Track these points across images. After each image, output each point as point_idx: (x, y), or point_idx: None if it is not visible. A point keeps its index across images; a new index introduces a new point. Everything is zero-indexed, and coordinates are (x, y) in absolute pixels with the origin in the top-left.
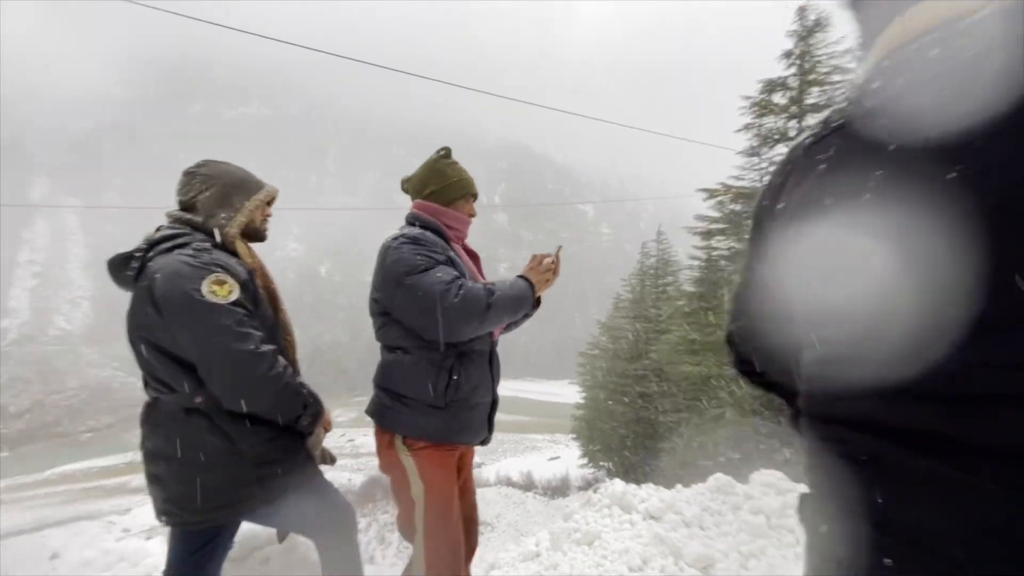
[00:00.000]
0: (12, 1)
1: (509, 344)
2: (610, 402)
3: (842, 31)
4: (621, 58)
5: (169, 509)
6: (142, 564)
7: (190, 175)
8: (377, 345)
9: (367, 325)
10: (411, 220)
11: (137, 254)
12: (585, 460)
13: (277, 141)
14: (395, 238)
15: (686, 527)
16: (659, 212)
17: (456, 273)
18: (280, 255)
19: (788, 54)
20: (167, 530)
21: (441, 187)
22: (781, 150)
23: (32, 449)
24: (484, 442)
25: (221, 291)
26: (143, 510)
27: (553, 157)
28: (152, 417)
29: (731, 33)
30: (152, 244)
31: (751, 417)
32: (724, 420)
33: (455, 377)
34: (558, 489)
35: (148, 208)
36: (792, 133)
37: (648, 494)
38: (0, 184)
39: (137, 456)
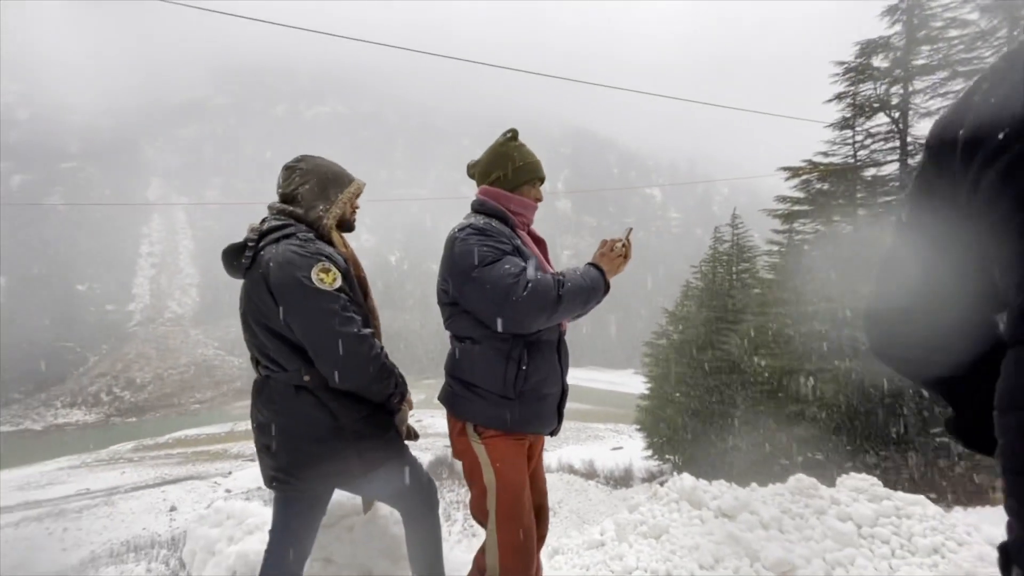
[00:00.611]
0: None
1: (573, 332)
2: (677, 394)
3: None
4: (693, 32)
5: (278, 476)
6: (246, 523)
7: (290, 169)
8: (444, 333)
9: (435, 312)
10: (476, 207)
11: (250, 244)
12: (649, 452)
13: (351, 136)
14: (461, 228)
15: (763, 528)
16: (733, 195)
17: (523, 264)
18: (355, 245)
19: (892, 10)
20: (265, 493)
21: (507, 172)
22: (881, 119)
23: (153, 416)
24: (553, 432)
25: (327, 278)
26: (242, 474)
27: (618, 141)
28: (264, 393)
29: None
30: (262, 235)
31: (837, 416)
32: (804, 418)
33: (524, 367)
34: (621, 479)
35: (243, 203)
36: (895, 100)
37: (720, 491)
38: (123, 185)
39: (236, 426)
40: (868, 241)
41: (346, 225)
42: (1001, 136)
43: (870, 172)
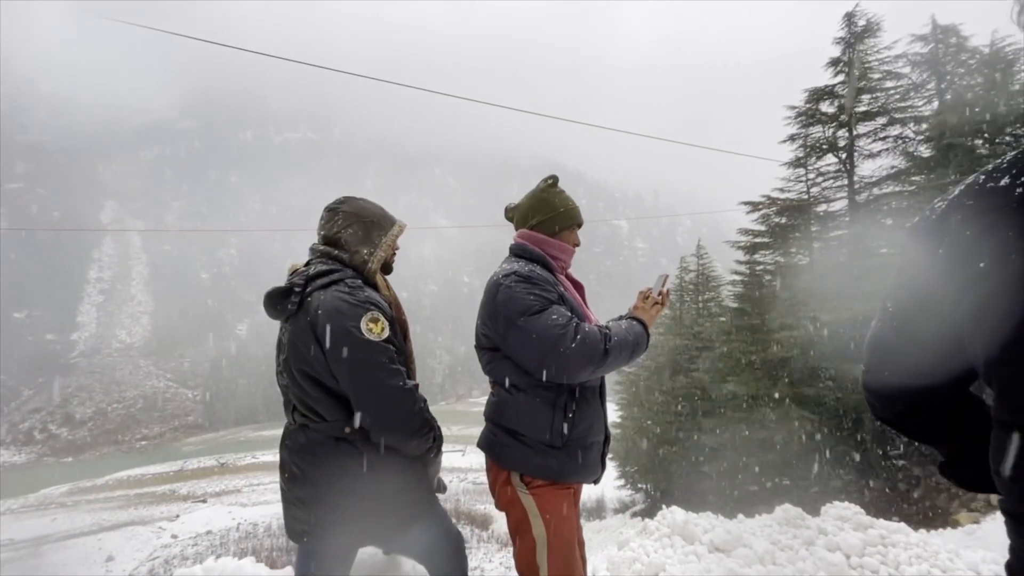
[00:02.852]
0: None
1: None
2: (649, 421)
3: (894, 36)
4: (658, 72)
5: (310, 530)
6: None
7: (332, 211)
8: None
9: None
10: (518, 252)
11: (296, 288)
12: (622, 481)
13: (321, 163)
14: (506, 275)
15: (760, 563)
16: (695, 226)
17: (570, 314)
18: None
19: (835, 62)
20: (220, 546)
21: (548, 217)
22: (829, 160)
23: (92, 455)
24: (596, 480)
25: (376, 328)
26: (191, 517)
27: (586, 173)
28: (300, 443)
29: (774, 45)
30: (308, 279)
31: (802, 442)
32: (771, 445)
33: (570, 415)
34: (594, 511)
35: (205, 231)
36: (841, 142)
37: (711, 524)
38: (74, 208)
39: (187, 464)
40: (823, 272)
41: (387, 267)
42: (982, 265)
43: (822, 208)
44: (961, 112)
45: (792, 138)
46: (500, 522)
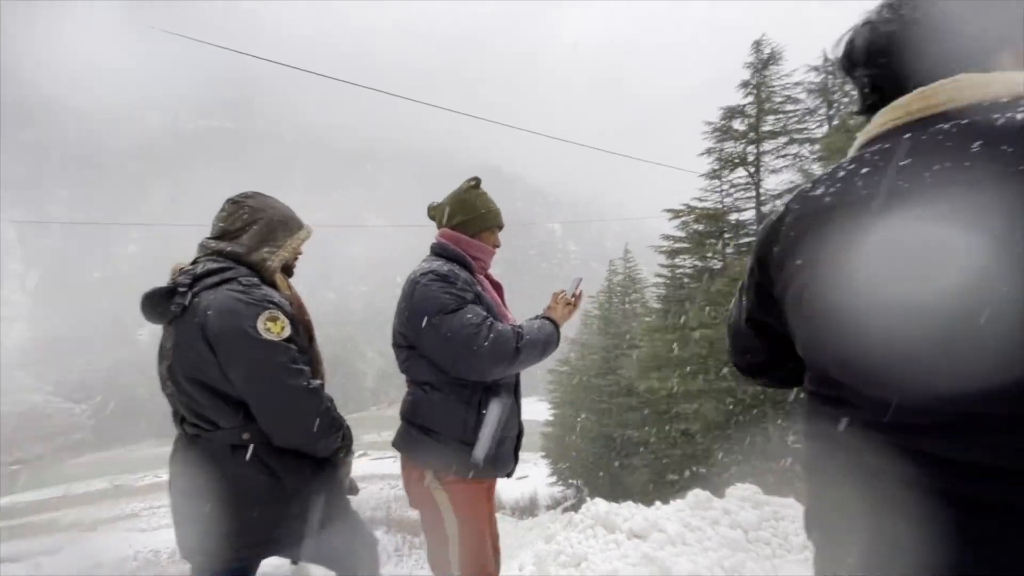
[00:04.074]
0: None
1: None
2: (580, 419)
3: (793, 65)
4: (596, 83)
5: (206, 548)
6: None
7: (236, 204)
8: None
9: (334, 342)
10: (437, 251)
11: (181, 288)
12: (554, 478)
13: (242, 154)
14: (423, 273)
15: (672, 545)
16: (624, 231)
17: (485, 313)
18: None
19: (745, 84)
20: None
21: (469, 218)
22: (740, 173)
23: None
24: (510, 474)
25: (275, 328)
26: (77, 549)
27: (523, 177)
28: (190, 455)
29: (699, 61)
30: (195, 278)
31: (716, 431)
32: (688, 436)
33: (484, 412)
34: (527, 509)
35: (94, 223)
36: (750, 158)
37: (631, 512)
38: None
39: (72, 489)
40: (734, 275)
41: (288, 271)
42: (799, 262)
43: (734, 217)
44: (846, 136)
45: (709, 152)
46: None
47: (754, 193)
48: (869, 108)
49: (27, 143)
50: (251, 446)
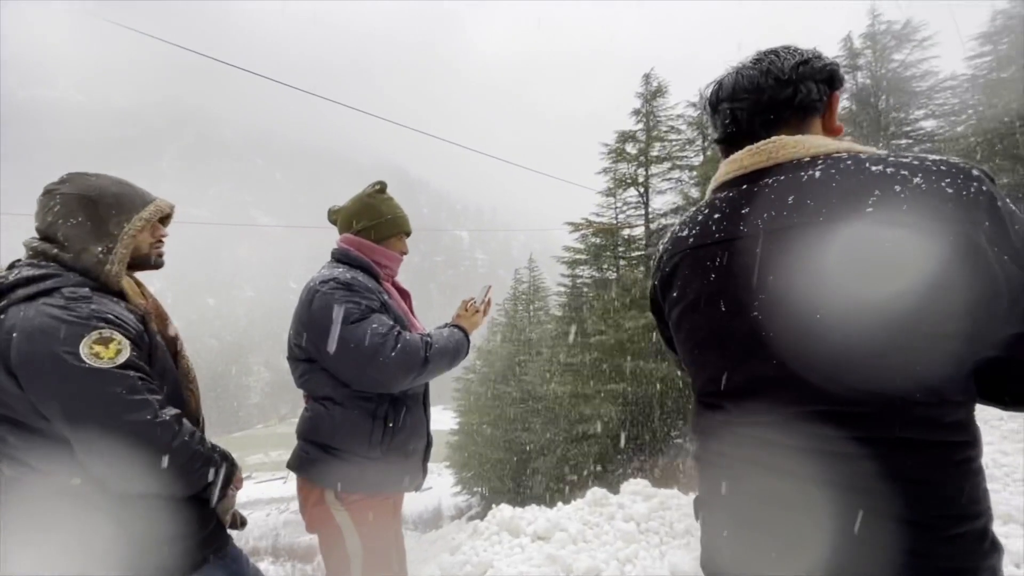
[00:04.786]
0: None
1: None
2: (484, 426)
3: (677, 98)
4: (508, 94)
5: None
6: None
7: (48, 195)
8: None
9: (207, 352)
10: (339, 257)
11: None
12: (459, 488)
13: (96, 133)
14: (324, 281)
15: (573, 543)
16: (529, 241)
17: (391, 323)
18: None
19: (637, 112)
20: None
21: (374, 224)
22: (632, 192)
23: None
24: (418, 488)
25: (106, 352)
26: None
27: (429, 182)
28: (10, 501)
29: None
30: (3, 290)
31: (611, 431)
32: (588, 436)
33: (391, 424)
34: (431, 521)
35: None
36: (640, 179)
37: (534, 515)
38: None
39: None
40: (627, 285)
41: (147, 262)
42: (675, 293)
43: (626, 232)
44: (716, 165)
45: (605, 171)
46: None
47: (644, 211)
48: (727, 137)
49: None
50: (84, 492)
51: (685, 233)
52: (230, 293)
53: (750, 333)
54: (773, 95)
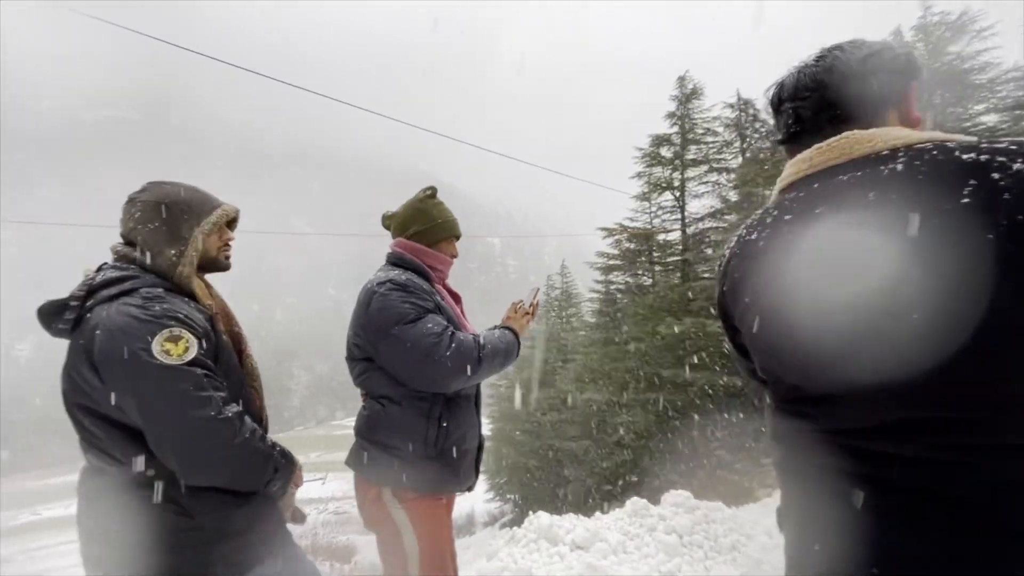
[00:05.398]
0: None
1: None
2: (517, 432)
3: (712, 100)
4: (540, 99)
5: None
6: None
7: (130, 202)
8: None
9: (267, 358)
10: (394, 260)
11: (73, 303)
12: (491, 494)
13: (151, 151)
14: (381, 283)
15: (613, 554)
16: (561, 247)
17: (446, 323)
18: None
19: (671, 115)
20: None
21: (426, 228)
22: (667, 196)
23: None
24: (470, 488)
25: (176, 349)
26: None
27: (462, 189)
28: (95, 489)
29: (633, 90)
30: (92, 290)
31: (648, 440)
32: (622, 445)
33: (444, 424)
34: (464, 527)
35: None
36: (676, 183)
37: (572, 524)
38: None
39: None
40: (662, 291)
41: (215, 265)
42: (747, 299)
43: (662, 237)
44: (757, 167)
45: (639, 175)
46: (363, 553)
47: (680, 216)
48: (791, 137)
49: None
50: (159, 484)
51: (754, 236)
52: (272, 299)
53: (837, 340)
54: (839, 91)
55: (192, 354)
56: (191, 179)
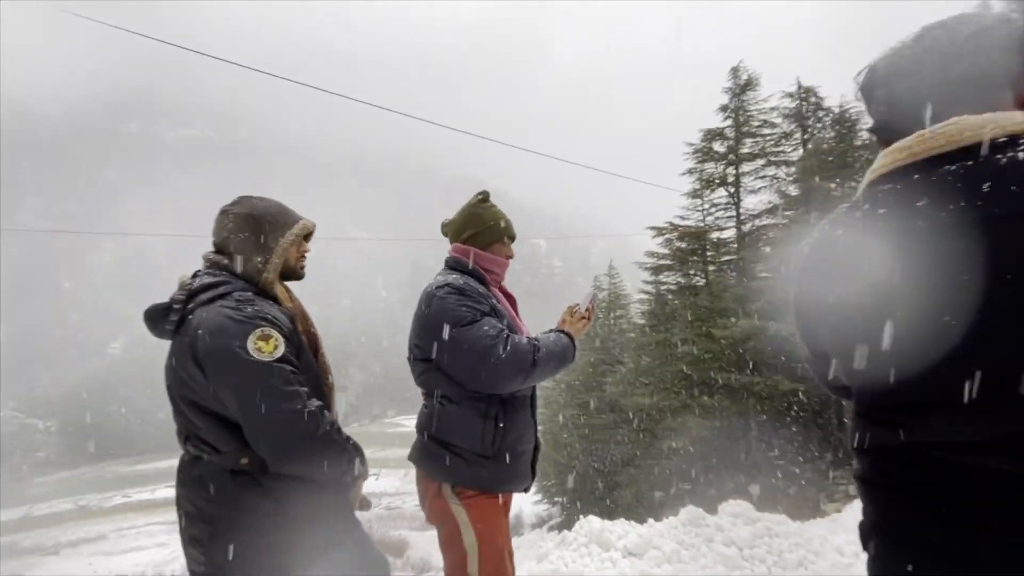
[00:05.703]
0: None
1: None
2: (564, 435)
3: (769, 90)
4: (585, 96)
5: (209, 571)
6: None
7: (223, 214)
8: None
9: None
10: (452, 264)
11: (176, 305)
12: (539, 496)
13: (222, 165)
14: (440, 286)
15: (668, 563)
16: (608, 248)
17: (502, 326)
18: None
19: (724, 108)
20: None
21: (479, 231)
22: (721, 193)
23: None
24: (527, 489)
25: (267, 347)
26: (37, 574)
27: (507, 191)
28: (193, 477)
29: (681, 84)
30: (191, 294)
31: (701, 447)
32: (676, 451)
33: (501, 425)
34: (512, 528)
35: (68, 232)
36: (730, 178)
37: (624, 530)
38: None
39: (34, 509)
40: (716, 292)
41: (293, 274)
42: (831, 300)
43: (715, 235)
44: (819, 159)
45: (690, 171)
46: (415, 548)
47: (734, 213)
48: (885, 125)
49: None
50: (251, 471)
51: (839, 232)
52: (330, 302)
53: (944, 342)
54: (942, 73)
55: (281, 352)
56: (258, 191)
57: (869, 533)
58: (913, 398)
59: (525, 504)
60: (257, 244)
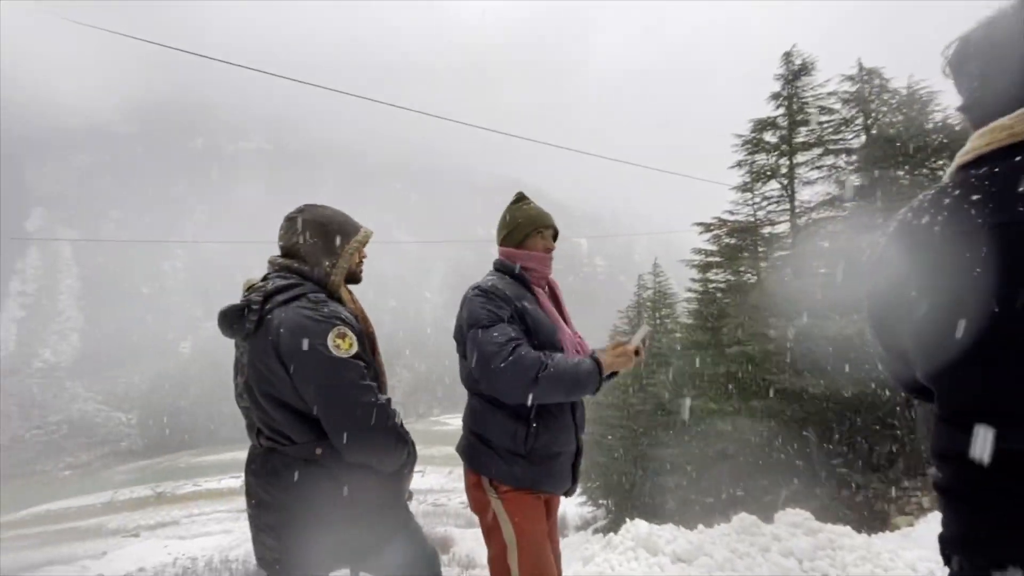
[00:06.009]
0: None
1: None
2: (609, 437)
3: (826, 75)
4: (624, 93)
5: (281, 557)
6: None
7: (291, 220)
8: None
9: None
10: (497, 266)
11: (254, 306)
12: (583, 498)
13: (277, 174)
14: (472, 288)
15: (720, 571)
16: (651, 245)
17: (513, 334)
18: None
19: (776, 96)
20: None
21: (510, 230)
22: (773, 186)
23: (7, 488)
24: (568, 492)
25: (344, 344)
26: (121, 554)
27: (547, 191)
28: (267, 467)
29: (728, 75)
30: (267, 296)
31: (755, 452)
32: (726, 456)
33: (534, 425)
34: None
35: (145, 241)
36: (783, 170)
37: (672, 535)
38: None
39: (118, 494)
40: (770, 290)
41: (354, 277)
42: (914, 293)
43: (767, 230)
44: (885, 146)
45: (740, 164)
46: (460, 545)
47: (788, 206)
48: (975, 104)
49: (82, 167)
50: (324, 461)
51: (924, 221)
52: (377, 304)
53: None
54: None
55: (355, 349)
56: (309, 198)
57: (952, 548)
58: (1012, 403)
59: (569, 506)
60: (326, 249)
